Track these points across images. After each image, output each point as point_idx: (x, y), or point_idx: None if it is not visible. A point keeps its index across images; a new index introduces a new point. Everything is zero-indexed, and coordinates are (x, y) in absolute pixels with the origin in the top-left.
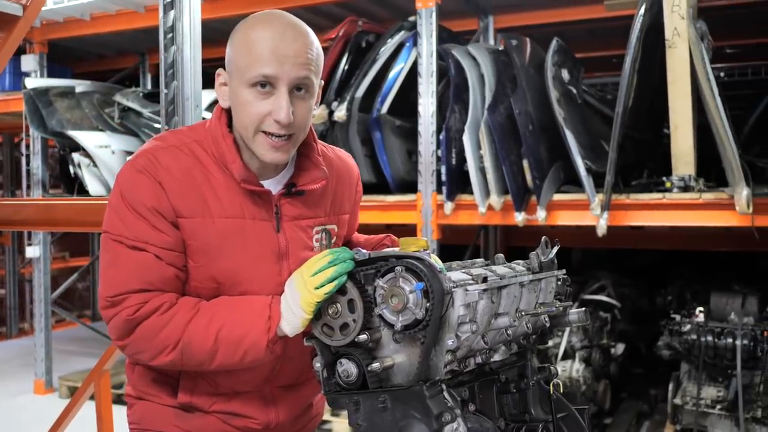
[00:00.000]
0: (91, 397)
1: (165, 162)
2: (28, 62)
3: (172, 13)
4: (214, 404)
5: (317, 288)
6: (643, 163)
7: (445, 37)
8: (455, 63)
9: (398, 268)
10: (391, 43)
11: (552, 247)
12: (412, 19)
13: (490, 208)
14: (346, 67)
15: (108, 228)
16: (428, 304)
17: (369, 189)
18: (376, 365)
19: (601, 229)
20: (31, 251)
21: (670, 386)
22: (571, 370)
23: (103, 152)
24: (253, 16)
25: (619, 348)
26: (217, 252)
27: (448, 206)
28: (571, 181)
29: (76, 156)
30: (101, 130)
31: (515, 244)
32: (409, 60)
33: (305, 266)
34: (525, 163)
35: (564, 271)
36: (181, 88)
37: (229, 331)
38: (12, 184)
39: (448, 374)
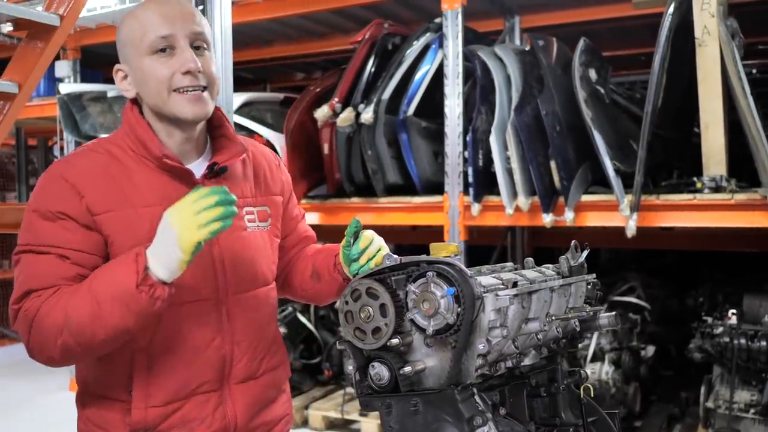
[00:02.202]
0: None
1: (78, 163)
2: (62, 68)
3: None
4: (169, 417)
5: (202, 226)
6: (672, 163)
7: (471, 38)
8: (481, 64)
9: (430, 274)
10: (417, 45)
11: (582, 251)
12: (437, 20)
13: (517, 209)
14: (373, 70)
15: (18, 243)
16: (459, 309)
17: (396, 190)
18: (407, 369)
19: (630, 231)
20: None
21: (702, 389)
22: (600, 372)
23: None
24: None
25: (650, 350)
26: (145, 241)
27: (475, 208)
28: (600, 182)
29: None
30: None
31: (543, 245)
32: (435, 62)
33: (186, 203)
34: (552, 164)
35: (594, 275)
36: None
37: (103, 289)
38: None
39: (479, 378)
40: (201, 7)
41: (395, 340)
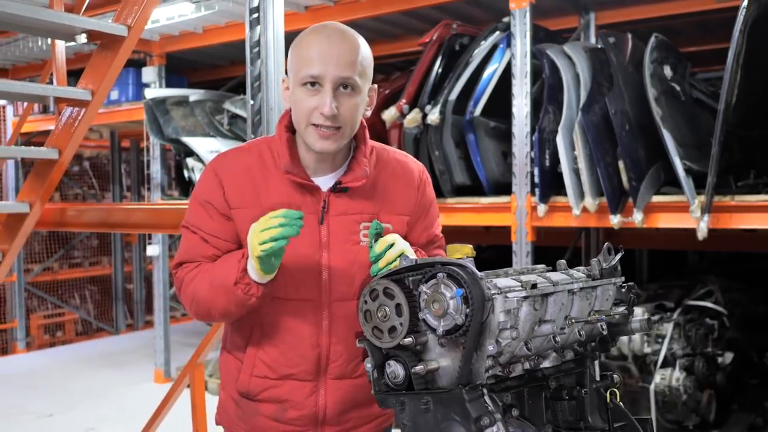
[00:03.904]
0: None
1: (230, 161)
2: (149, 74)
3: (258, 29)
4: (267, 390)
5: (260, 243)
6: (757, 162)
7: (541, 36)
8: (549, 63)
9: (440, 275)
10: (484, 45)
11: (616, 254)
12: (506, 19)
13: (584, 210)
14: (440, 71)
15: (184, 218)
16: (468, 310)
17: (464, 191)
18: (419, 368)
19: (702, 233)
20: (151, 250)
21: None
22: (670, 378)
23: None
24: (309, 27)
25: (727, 357)
26: None
27: (541, 208)
28: (674, 182)
29: (189, 161)
30: (212, 136)
31: (617, 245)
32: (503, 61)
33: (262, 220)
34: (621, 164)
35: (623, 278)
36: (265, 99)
37: (217, 275)
38: (138, 185)
39: (492, 379)
40: (256, 15)
41: (409, 339)
